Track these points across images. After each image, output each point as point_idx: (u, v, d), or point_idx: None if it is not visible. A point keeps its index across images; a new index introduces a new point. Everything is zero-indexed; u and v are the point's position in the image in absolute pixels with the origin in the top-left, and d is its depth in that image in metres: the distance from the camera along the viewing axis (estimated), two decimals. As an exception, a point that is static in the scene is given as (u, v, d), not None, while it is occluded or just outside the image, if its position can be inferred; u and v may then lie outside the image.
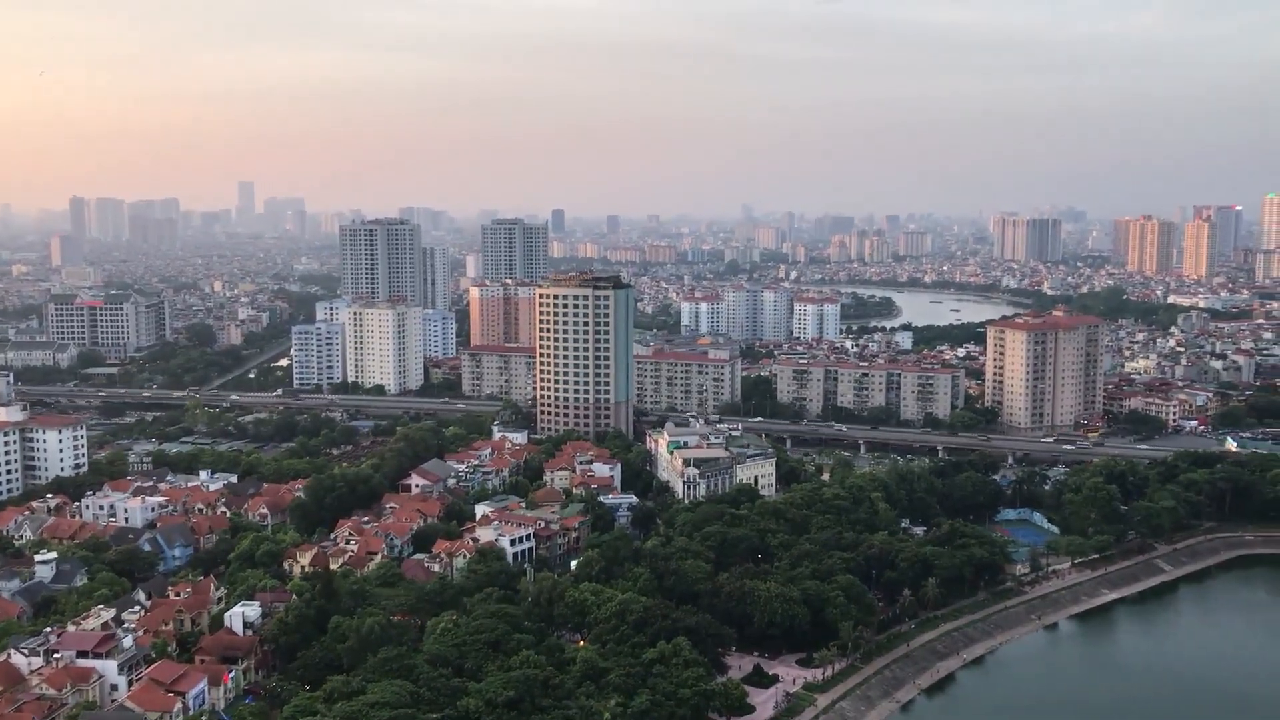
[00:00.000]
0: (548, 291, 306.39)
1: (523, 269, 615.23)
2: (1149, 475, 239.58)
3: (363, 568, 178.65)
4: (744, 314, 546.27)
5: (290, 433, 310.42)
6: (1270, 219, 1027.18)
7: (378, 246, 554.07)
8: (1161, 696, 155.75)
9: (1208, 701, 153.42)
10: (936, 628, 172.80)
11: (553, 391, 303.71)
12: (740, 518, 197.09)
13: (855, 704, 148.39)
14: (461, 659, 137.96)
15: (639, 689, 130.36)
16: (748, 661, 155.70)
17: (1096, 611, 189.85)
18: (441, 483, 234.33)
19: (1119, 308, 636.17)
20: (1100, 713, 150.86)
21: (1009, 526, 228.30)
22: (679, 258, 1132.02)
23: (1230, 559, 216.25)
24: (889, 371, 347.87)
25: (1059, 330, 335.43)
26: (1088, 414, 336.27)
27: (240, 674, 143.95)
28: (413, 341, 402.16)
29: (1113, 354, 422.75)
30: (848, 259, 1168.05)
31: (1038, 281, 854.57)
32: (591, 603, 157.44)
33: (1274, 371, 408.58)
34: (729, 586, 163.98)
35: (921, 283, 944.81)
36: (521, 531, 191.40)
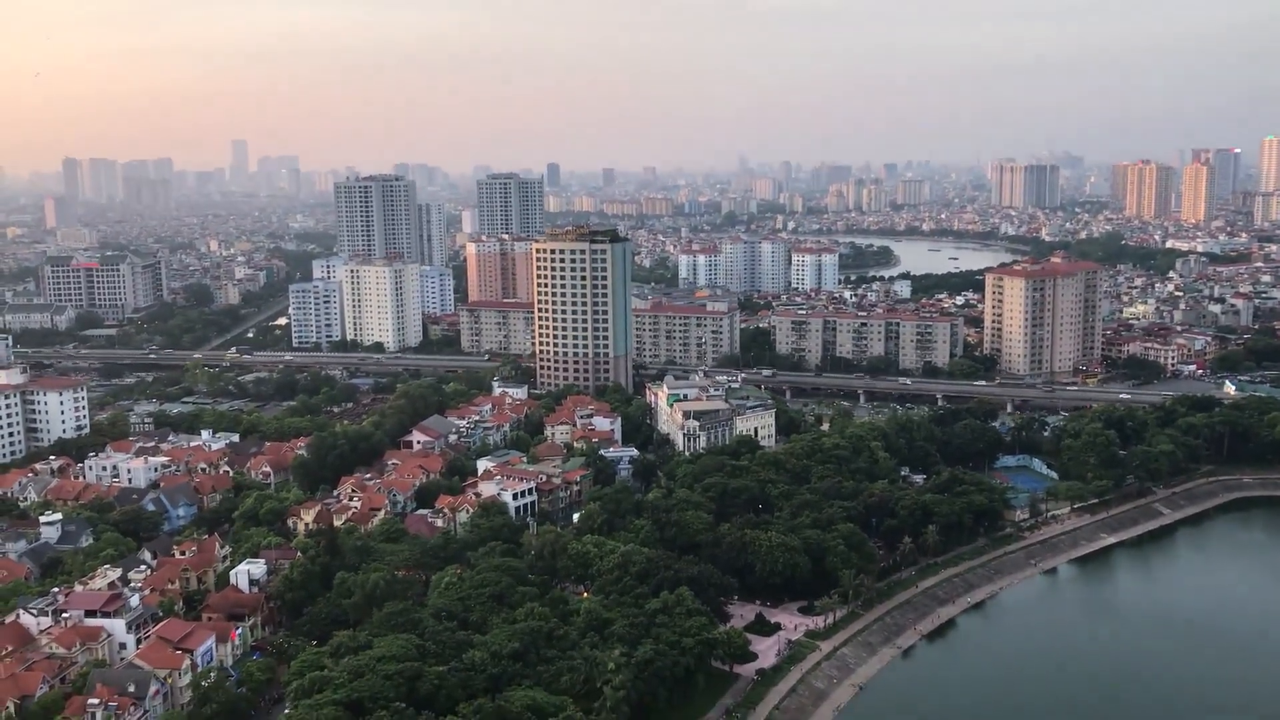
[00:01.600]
0: (544, 246, 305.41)
1: (519, 224, 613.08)
2: (1147, 420, 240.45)
3: (366, 524, 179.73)
4: (742, 266, 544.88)
5: (291, 391, 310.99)
6: (1269, 162, 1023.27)
7: (373, 203, 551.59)
8: (1160, 638, 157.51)
9: (1205, 642, 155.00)
10: (937, 574, 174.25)
11: (552, 346, 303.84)
12: (740, 469, 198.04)
13: (857, 650, 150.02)
14: (466, 612, 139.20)
15: (642, 639, 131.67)
16: (750, 610, 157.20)
17: (1096, 556, 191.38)
18: (443, 439, 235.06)
19: (1117, 253, 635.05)
20: (1099, 655, 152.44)
21: (1008, 473, 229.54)
22: (676, 210, 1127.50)
23: (1228, 501, 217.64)
24: (887, 321, 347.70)
25: (1057, 277, 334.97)
26: (1086, 360, 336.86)
27: (247, 630, 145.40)
28: (410, 298, 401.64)
29: (1111, 299, 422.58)
30: (845, 209, 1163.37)
31: (1036, 228, 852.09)
32: (594, 555, 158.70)
33: (1272, 315, 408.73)
34: (730, 537, 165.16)
35: (919, 231, 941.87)
36: (523, 486, 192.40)
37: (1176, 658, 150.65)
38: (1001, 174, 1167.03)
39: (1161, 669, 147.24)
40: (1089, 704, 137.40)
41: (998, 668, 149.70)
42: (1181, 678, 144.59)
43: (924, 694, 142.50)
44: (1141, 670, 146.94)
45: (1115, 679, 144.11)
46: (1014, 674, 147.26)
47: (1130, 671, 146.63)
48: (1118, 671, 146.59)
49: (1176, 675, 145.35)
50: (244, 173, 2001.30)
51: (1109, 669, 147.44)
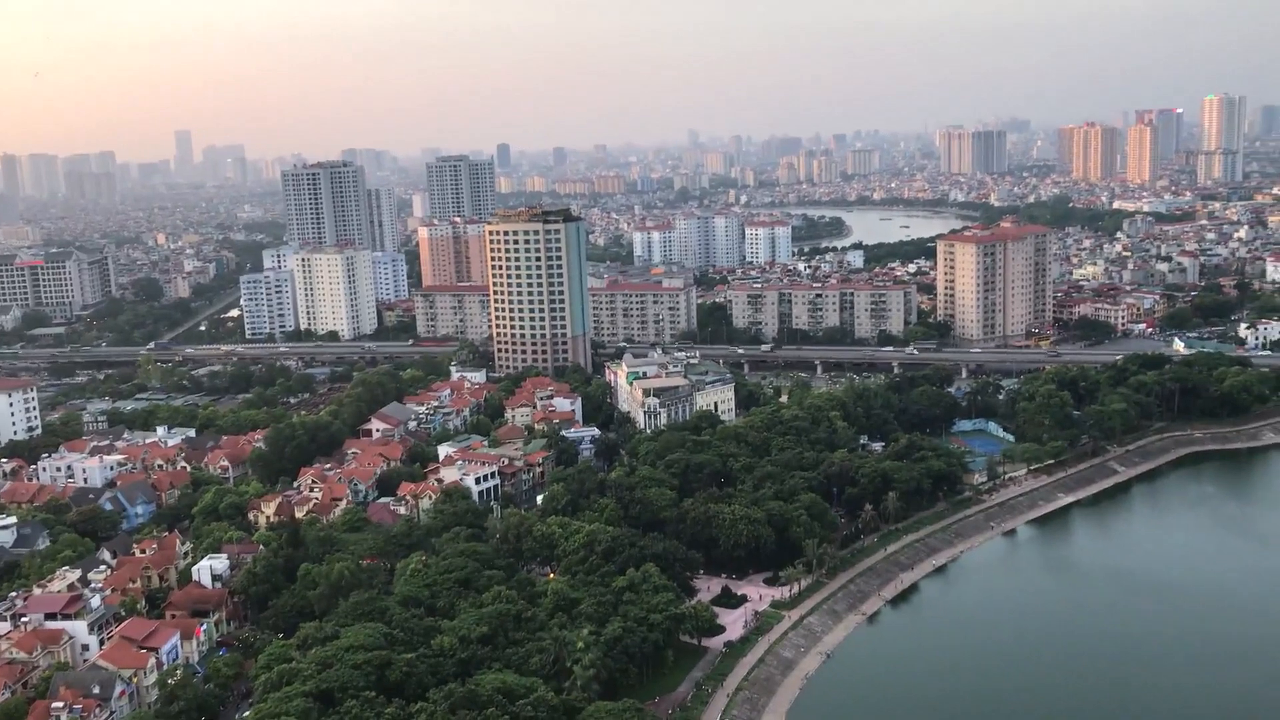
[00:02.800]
0: (497, 228, 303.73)
1: (470, 206, 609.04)
2: (1100, 380, 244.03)
3: (328, 514, 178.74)
4: (696, 241, 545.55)
5: (246, 384, 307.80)
6: (1210, 120, 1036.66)
7: (322, 190, 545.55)
8: (1118, 594, 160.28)
9: (1161, 596, 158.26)
10: (898, 540, 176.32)
11: (509, 329, 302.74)
12: (702, 444, 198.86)
13: (822, 618, 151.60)
14: (433, 599, 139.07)
15: (610, 617, 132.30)
16: (716, 583, 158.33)
17: (1053, 515, 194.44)
18: (402, 426, 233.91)
19: (1065, 215, 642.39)
20: (1060, 613, 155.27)
21: (965, 437, 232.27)
22: (628, 187, 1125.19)
23: (1180, 457, 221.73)
24: (842, 291, 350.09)
25: (1007, 241, 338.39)
26: (1039, 322, 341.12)
27: (212, 626, 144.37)
28: (364, 285, 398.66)
29: (1061, 262, 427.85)
30: (796, 180, 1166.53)
31: (985, 194, 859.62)
32: (559, 535, 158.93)
33: (1218, 271, 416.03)
34: (694, 511, 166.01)
35: (871, 201, 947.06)
36: (485, 470, 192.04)
37: (1135, 612, 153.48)
38: (950, 141, 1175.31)
39: (1121, 624, 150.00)
40: (1051, 660, 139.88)
41: (961, 629, 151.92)
42: (1140, 631, 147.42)
43: (890, 659, 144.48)
44: (1102, 626, 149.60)
45: (1076, 635, 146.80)
46: (978, 634, 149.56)
47: (1091, 627, 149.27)
48: (1078, 628, 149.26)
49: (1135, 629, 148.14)
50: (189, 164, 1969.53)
51: (1069, 626, 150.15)
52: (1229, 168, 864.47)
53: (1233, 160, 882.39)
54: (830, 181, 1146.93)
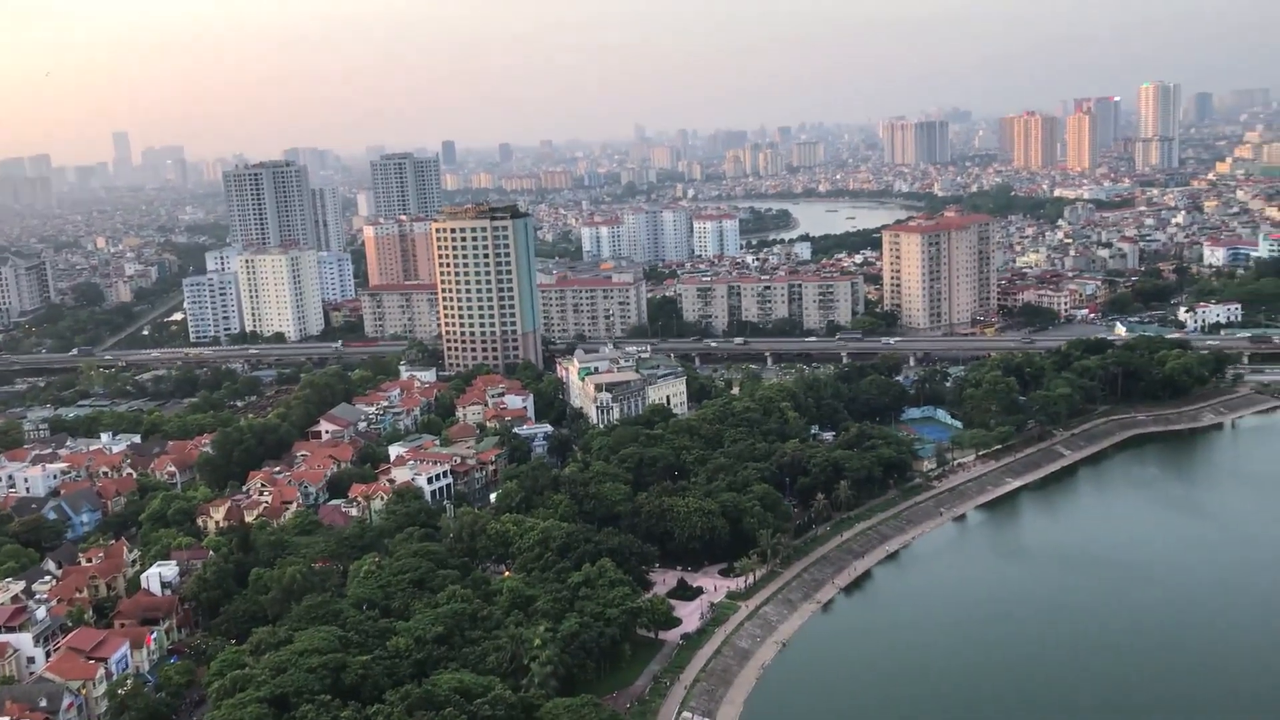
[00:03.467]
0: (444, 225, 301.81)
1: (416, 204, 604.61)
2: (1045, 365, 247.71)
3: (279, 518, 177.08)
4: (645, 236, 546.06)
5: (191, 388, 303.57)
6: (1146, 108, 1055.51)
7: (264, 191, 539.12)
8: (1067, 574, 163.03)
9: (1109, 575, 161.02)
10: (851, 528, 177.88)
11: (458, 327, 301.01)
12: (655, 438, 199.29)
13: (778, 608, 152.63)
14: (387, 600, 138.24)
15: (567, 613, 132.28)
16: (672, 576, 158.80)
17: (1002, 500, 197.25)
18: (352, 427, 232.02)
19: (1008, 204, 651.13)
20: (1010, 594, 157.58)
21: (914, 425, 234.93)
22: (575, 182, 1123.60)
23: (1124, 439, 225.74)
24: (790, 283, 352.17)
25: (951, 231, 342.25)
26: (983, 310, 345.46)
27: (163, 634, 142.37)
28: (309, 286, 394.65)
29: (1004, 250, 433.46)
30: (743, 174, 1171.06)
31: (929, 184, 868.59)
32: (514, 533, 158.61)
33: (1157, 256, 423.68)
34: (649, 505, 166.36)
35: (816, 193, 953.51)
36: (438, 469, 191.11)
37: (1084, 591, 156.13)
38: (893, 132, 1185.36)
39: (1071, 603, 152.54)
40: (1004, 641, 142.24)
41: (915, 614, 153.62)
42: (1090, 609, 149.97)
43: (845, 645, 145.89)
44: (1052, 606, 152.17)
45: (1028, 616, 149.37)
46: (931, 619, 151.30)
47: (1042, 608, 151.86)
48: (1030, 609, 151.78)
49: (1085, 608, 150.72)
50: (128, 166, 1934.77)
51: (1021, 607, 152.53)
52: (1166, 155, 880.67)
53: (1169, 147, 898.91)
54: (776, 174, 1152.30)
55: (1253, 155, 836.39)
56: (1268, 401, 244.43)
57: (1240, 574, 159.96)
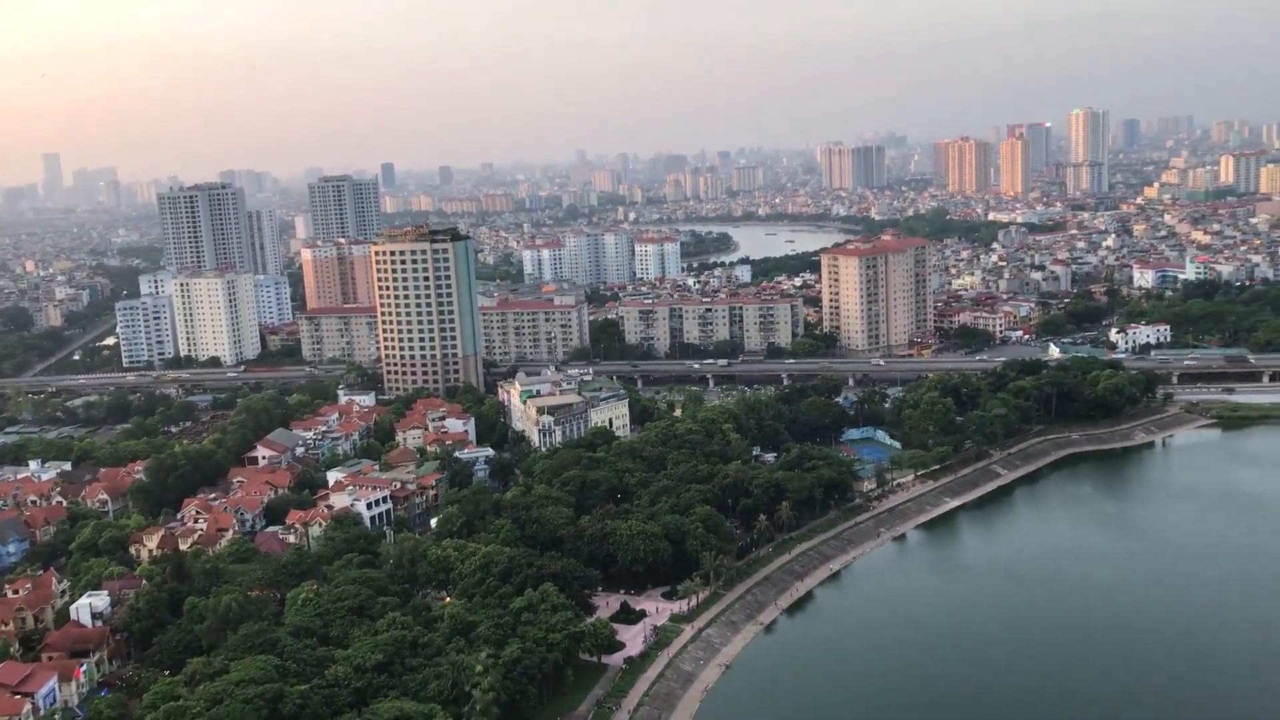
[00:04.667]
0: (384, 248, 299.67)
1: (355, 227, 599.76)
2: (981, 386, 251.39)
3: (214, 546, 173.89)
4: (586, 258, 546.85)
5: (124, 414, 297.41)
6: (1076, 133, 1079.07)
7: (200, 213, 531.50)
8: (1005, 592, 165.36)
9: (1045, 590, 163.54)
10: (793, 549, 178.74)
11: (398, 350, 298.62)
12: (598, 460, 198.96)
13: (721, 630, 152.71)
14: (326, 628, 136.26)
15: (509, 638, 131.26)
16: (615, 600, 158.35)
17: (941, 519, 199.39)
18: (289, 452, 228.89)
19: (943, 228, 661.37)
20: (951, 613, 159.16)
21: (854, 445, 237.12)
22: (516, 205, 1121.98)
23: (1059, 458, 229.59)
24: (731, 305, 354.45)
25: (888, 254, 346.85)
26: (921, 332, 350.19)
27: (93, 667, 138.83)
28: (246, 309, 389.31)
29: (940, 273, 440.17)
30: (683, 197, 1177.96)
31: (866, 208, 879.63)
32: (455, 558, 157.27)
33: (1089, 279, 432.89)
34: (591, 529, 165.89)
35: (756, 216, 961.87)
36: (377, 494, 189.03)
37: (1023, 608, 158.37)
38: (830, 157, 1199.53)
39: (1010, 621, 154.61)
40: (945, 658, 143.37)
41: (856, 634, 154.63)
42: (1029, 626, 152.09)
43: (788, 666, 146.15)
44: (992, 623, 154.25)
45: (968, 634, 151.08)
46: (872, 638, 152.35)
47: (981, 625, 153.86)
48: (970, 627, 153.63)
49: (1024, 624, 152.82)
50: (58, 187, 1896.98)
51: (961, 625, 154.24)
52: (1096, 179, 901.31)
53: (1099, 172, 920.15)
54: (717, 198, 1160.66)
55: (1179, 180, 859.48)
56: (1196, 420, 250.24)
57: (1171, 586, 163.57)
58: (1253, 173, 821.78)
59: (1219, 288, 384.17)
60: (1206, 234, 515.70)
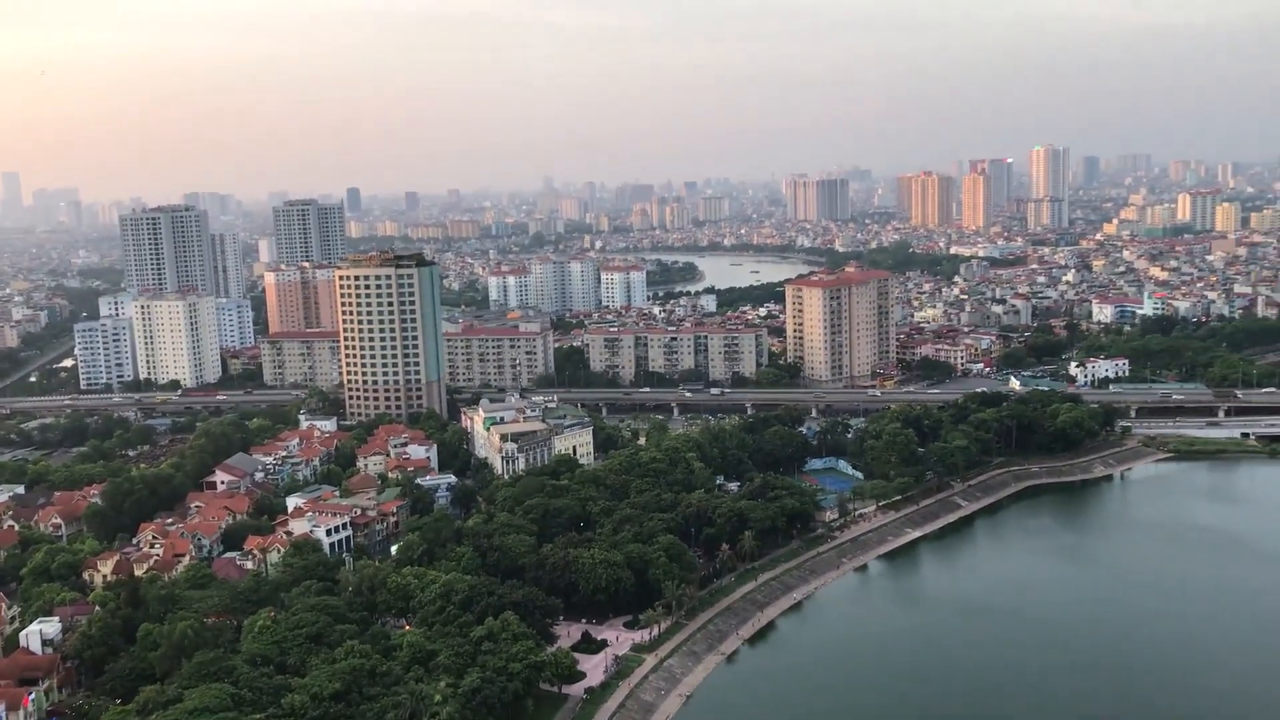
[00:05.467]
0: (348, 273, 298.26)
1: (319, 251, 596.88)
2: (942, 418, 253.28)
3: (170, 571, 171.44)
4: (552, 286, 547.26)
5: (81, 437, 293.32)
6: (1037, 170, 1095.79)
7: (162, 236, 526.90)
8: (965, 624, 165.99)
9: (1004, 622, 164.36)
10: (755, 579, 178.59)
11: (360, 375, 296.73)
12: (561, 488, 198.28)
13: (682, 660, 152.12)
14: (283, 656, 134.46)
15: (469, 668, 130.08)
16: (576, 629, 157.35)
17: (902, 550, 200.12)
18: (248, 477, 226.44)
19: (906, 260, 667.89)
20: (911, 644, 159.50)
21: (817, 475, 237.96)
22: (482, 232, 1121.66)
23: (1019, 490, 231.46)
24: (696, 335, 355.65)
25: (852, 285, 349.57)
26: (883, 363, 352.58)
27: (42, 695, 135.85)
28: (207, 333, 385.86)
29: (903, 305, 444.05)
30: (650, 226, 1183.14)
31: (830, 240, 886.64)
32: (415, 586, 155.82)
33: (1049, 313, 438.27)
34: (553, 557, 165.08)
35: (722, 246, 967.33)
36: (337, 521, 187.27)
37: (983, 640, 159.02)
38: (795, 189, 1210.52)
39: (969, 652, 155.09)
40: (904, 690, 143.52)
41: (817, 664, 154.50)
42: (988, 657, 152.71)
43: (749, 697, 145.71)
44: (952, 654, 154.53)
45: (927, 665, 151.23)
46: (833, 669, 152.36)
47: (941, 656, 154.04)
48: (929, 657, 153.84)
49: (984, 656, 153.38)
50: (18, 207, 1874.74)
51: (921, 656, 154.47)
52: (1056, 215, 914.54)
53: (1059, 208, 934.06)
54: (683, 227, 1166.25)
55: (1137, 217, 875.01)
56: (1154, 454, 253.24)
57: (1128, 618, 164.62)
58: (1209, 211, 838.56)
59: (1176, 323, 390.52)
60: (1164, 270, 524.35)
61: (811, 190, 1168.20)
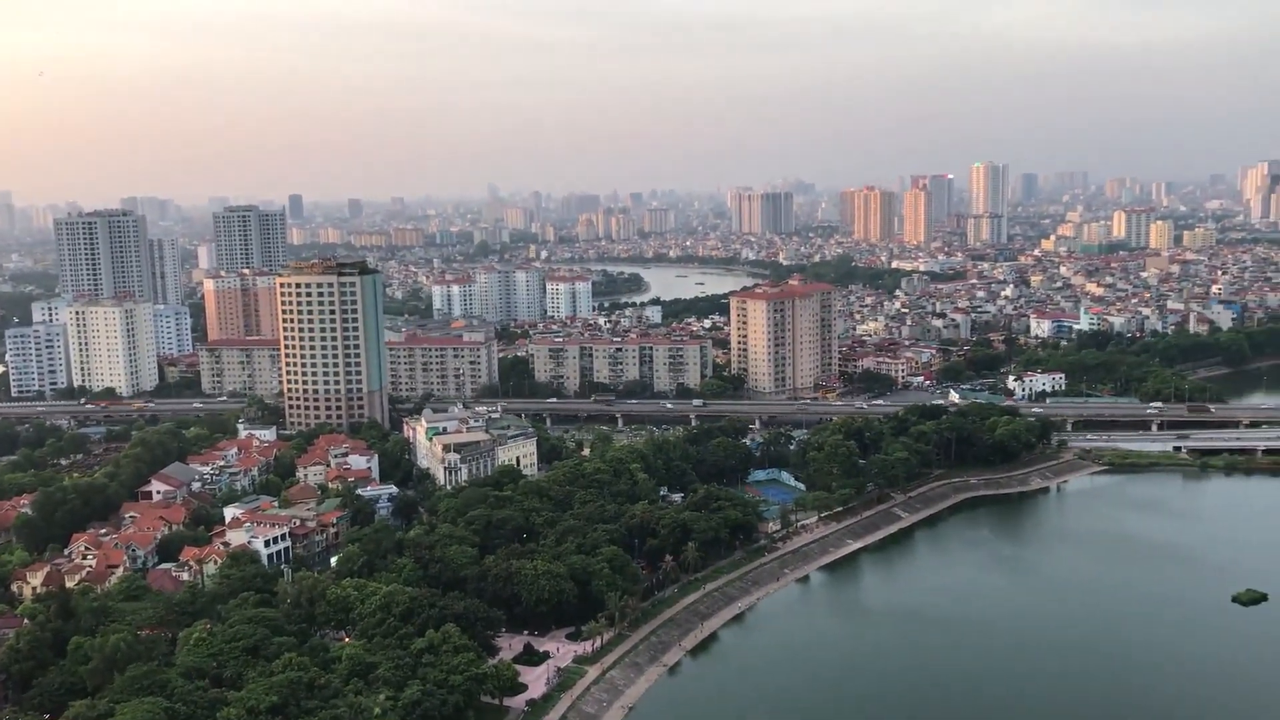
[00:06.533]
0: (289, 280, 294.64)
1: (260, 258, 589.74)
2: (883, 430, 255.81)
3: (103, 583, 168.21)
4: (497, 295, 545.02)
5: (11, 445, 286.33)
6: (977, 186, 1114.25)
7: (99, 240, 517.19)
8: (905, 634, 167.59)
9: (943, 632, 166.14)
10: (698, 590, 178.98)
11: (301, 384, 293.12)
12: (504, 499, 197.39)
13: (625, 672, 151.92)
14: (219, 669, 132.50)
15: (409, 680, 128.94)
16: (518, 641, 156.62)
17: (844, 561, 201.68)
18: (185, 487, 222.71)
19: (849, 274, 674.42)
20: (852, 654, 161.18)
21: (760, 486, 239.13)
22: (427, 240, 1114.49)
23: (958, 502, 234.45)
24: (641, 346, 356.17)
25: (795, 298, 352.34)
26: (826, 375, 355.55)
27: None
28: (144, 340, 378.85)
29: (845, 318, 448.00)
30: (596, 237, 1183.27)
31: (774, 253, 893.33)
32: (355, 598, 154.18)
33: (988, 327, 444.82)
34: (496, 569, 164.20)
35: (667, 258, 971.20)
36: (275, 531, 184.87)
37: (922, 649, 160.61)
38: (740, 202, 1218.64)
39: (909, 661, 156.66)
40: (845, 699, 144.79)
41: (759, 675, 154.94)
42: (928, 667, 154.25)
43: (691, 709, 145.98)
44: (892, 665, 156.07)
45: (867, 674, 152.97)
46: (774, 679, 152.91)
47: (882, 668, 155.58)
48: (870, 667, 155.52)
49: (923, 665, 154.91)
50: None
51: (862, 667, 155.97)
52: (995, 230, 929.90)
53: (998, 224, 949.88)
54: (629, 239, 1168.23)
55: (1074, 233, 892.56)
56: (1089, 466, 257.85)
57: (1066, 627, 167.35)
58: (1143, 228, 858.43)
59: (1111, 338, 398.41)
60: (1100, 286, 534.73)
61: (756, 203, 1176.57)
